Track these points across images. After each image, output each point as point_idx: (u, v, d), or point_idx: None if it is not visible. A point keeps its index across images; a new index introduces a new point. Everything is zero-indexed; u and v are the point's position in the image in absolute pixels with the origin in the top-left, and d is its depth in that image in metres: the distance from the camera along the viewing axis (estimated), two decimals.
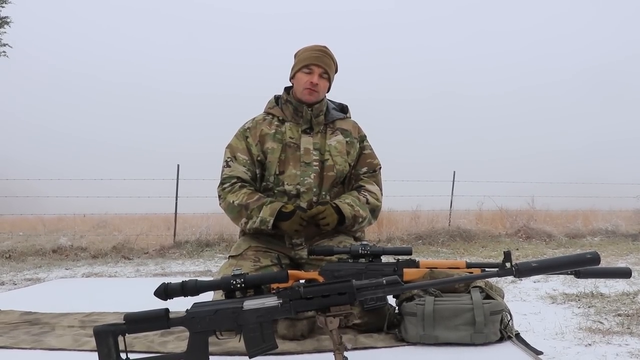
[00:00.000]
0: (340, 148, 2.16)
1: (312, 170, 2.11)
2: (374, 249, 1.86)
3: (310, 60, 2.11)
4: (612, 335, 2.44)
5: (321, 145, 2.15)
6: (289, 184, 2.09)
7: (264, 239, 2.12)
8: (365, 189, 2.16)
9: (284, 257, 2.08)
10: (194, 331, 1.39)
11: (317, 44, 2.17)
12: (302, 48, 2.19)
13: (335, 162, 2.13)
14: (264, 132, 2.15)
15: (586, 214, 9.12)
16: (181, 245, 7.16)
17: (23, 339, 1.85)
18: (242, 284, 1.43)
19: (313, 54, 2.13)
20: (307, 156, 2.12)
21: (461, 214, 8.63)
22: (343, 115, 2.26)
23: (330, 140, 2.16)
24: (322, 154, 2.14)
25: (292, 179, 2.10)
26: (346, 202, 2.06)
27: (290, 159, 2.11)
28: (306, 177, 2.10)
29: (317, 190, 2.11)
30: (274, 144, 2.12)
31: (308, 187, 2.09)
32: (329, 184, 2.13)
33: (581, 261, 1.26)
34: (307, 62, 2.11)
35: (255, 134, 2.16)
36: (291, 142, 2.13)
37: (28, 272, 5.40)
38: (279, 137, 2.14)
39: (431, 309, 1.66)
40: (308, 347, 1.68)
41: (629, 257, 5.73)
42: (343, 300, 1.36)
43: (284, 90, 2.24)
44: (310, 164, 2.11)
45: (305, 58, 2.12)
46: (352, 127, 2.24)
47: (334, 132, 2.19)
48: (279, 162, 2.10)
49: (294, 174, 2.10)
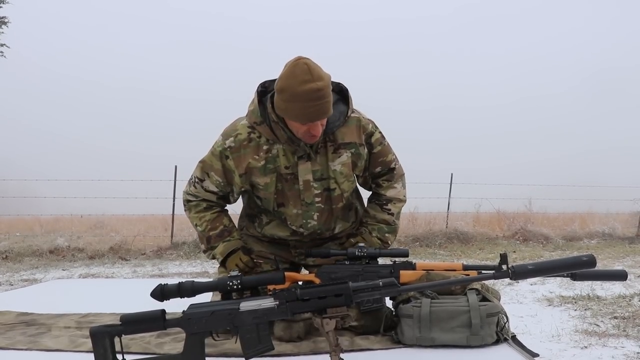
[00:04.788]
0: (346, 172, 1.90)
1: (314, 209, 1.92)
2: (371, 251, 1.86)
3: (307, 118, 1.69)
4: (608, 337, 2.45)
5: (323, 171, 1.88)
6: (292, 224, 1.96)
7: (268, 245, 2.08)
8: (386, 198, 2.04)
9: (286, 263, 2.06)
10: (190, 332, 1.39)
11: (307, 83, 1.63)
12: (289, 89, 1.65)
13: (343, 190, 1.93)
14: (251, 165, 1.84)
15: (583, 217, 9.13)
16: (178, 246, 7.14)
17: (19, 340, 1.85)
18: (239, 285, 1.44)
19: (308, 108, 1.66)
20: (307, 193, 1.88)
21: (458, 216, 8.63)
22: (343, 116, 1.88)
23: (334, 165, 1.88)
24: (324, 179, 1.89)
25: (293, 220, 1.95)
26: (373, 236, 2.02)
27: (288, 195, 1.89)
28: (309, 220, 1.94)
29: (322, 228, 1.99)
30: (266, 179, 1.86)
31: (311, 230, 1.98)
32: (338, 212, 2.00)
33: (577, 264, 1.27)
34: (304, 121, 1.71)
35: (240, 161, 1.84)
36: (287, 172, 1.86)
37: (25, 272, 5.38)
38: (270, 168, 1.85)
39: (427, 311, 1.67)
40: (304, 349, 1.68)
41: (625, 259, 5.74)
42: (339, 302, 1.37)
43: (270, 104, 1.81)
44: (312, 203, 1.90)
45: (299, 115, 1.69)
46: (356, 131, 1.90)
47: (336, 151, 1.88)
48: (275, 195, 1.90)
49: (295, 213, 1.92)
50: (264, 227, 2.03)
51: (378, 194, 2.06)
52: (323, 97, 1.66)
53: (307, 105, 1.65)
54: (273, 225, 2.01)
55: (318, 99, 1.65)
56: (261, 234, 2.05)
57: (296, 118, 1.70)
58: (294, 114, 1.69)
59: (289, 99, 1.67)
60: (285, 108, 1.70)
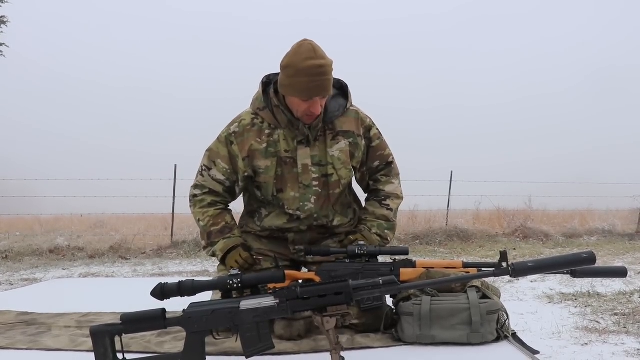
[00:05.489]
0: (344, 159, 1.95)
1: (311, 193, 1.95)
2: (371, 249, 1.86)
3: (310, 93, 1.78)
4: (608, 334, 2.45)
5: (321, 157, 1.94)
6: (289, 208, 1.97)
7: (267, 242, 2.08)
8: (385, 193, 2.06)
9: (286, 260, 2.06)
10: (190, 331, 1.40)
11: (312, 59, 1.75)
12: (294, 66, 1.77)
13: (340, 177, 1.96)
14: (253, 147, 1.92)
15: (583, 214, 9.14)
16: (178, 245, 7.15)
17: (19, 340, 1.85)
18: (239, 284, 1.44)
19: (312, 83, 1.76)
20: (305, 176, 1.93)
21: (458, 213, 8.63)
22: (342, 106, 1.97)
23: (332, 151, 1.94)
24: (323, 166, 1.94)
25: (291, 203, 1.96)
26: (373, 233, 2.02)
27: (287, 178, 1.94)
28: (306, 202, 1.95)
29: (319, 214, 1.99)
30: (267, 162, 1.92)
31: (308, 213, 1.97)
32: (335, 199, 2.01)
33: (577, 261, 1.27)
34: (306, 96, 1.79)
35: (243, 145, 1.92)
36: (286, 156, 1.93)
37: (25, 272, 5.38)
38: (271, 151, 1.92)
39: (428, 309, 1.67)
40: (305, 347, 1.68)
41: (625, 256, 5.75)
42: (340, 300, 1.36)
43: (272, 89, 1.93)
44: (309, 185, 1.94)
45: (302, 90, 1.78)
46: (354, 122, 1.98)
47: (334, 138, 1.95)
48: (275, 180, 1.93)
49: (292, 197, 1.95)
50: (263, 220, 2.04)
51: (376, 189, 2.09)
52: (325, 73, 1.77)
53: (310, 80, 1.75)
54: (272, 217, 2.02)
55: (320, 74, 1.76)
56: (260, 227, 2.05)
57: (299, 93, 1.79)
58: (297, 89, 1.78)
59: (292, 74, 1.77)
60: (289, 84, 1.80)
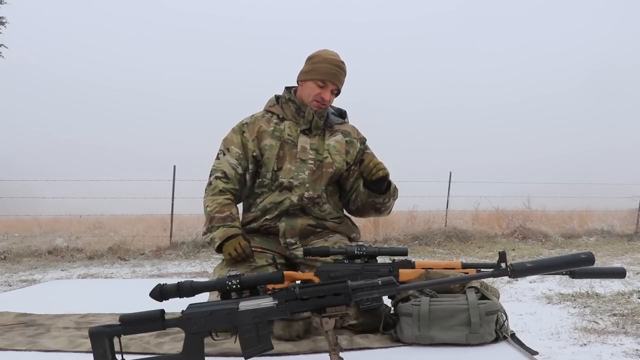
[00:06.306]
0: (339, 147, 2.18)
1: (306, 167, 2.13)
2: (370, 250, 1.86)
3: (328, 76, 2.10)
4: (607, 335, 2.45)
5: (318, 146, 2.17)
6: (283, 177, 2.12)
7: (259, 238, 2.13)
8: None
9: (279, 257, 2.08)
10: (189, 332, 1.39)
11: (335, 56, 2.14)
12: (320, 55, 2.15)
13: (334, 160, 2.15)
14: (262, 129, 2.16)
15: (582, 215, 9.15)
16: (177, 246, 7.14)
17: (18, 341, 1.84)
18: (238, 284, 1.43)
19: (332, 69, 2.11)
20: (303, 154, 2.14)
21: (457, 214, 8.64)
22: (342, 120, 2.29)
23: (329, 140, 2.18)
24: (319, 153, 2.16)
25: (286, 174, 2.12)
26: None
27: (287, 156, 2.14)
28: (300, 173, 2.12)
29: (310, 185, 2.13)
30: (272, 141, 2.14)
31: (301, 181, 2.11)
32: (327, 179, 2.15)
33: (576, 261, 1.27)
34: (324, 78, 2.10)
35: (253, 129, 2.17)
36: (289, 139, 2.15)
37: (23, 273, 5.38)
38: (277, 135, 2.15)
39: (427, 310, 1.67)
40: (304, 348, 1.68)
41: (624, 257, 5.76)
42: (339, 301, 1.36)
43: (285, 89, 2.24)
44: (305, 161, 2.14)
45: (323, 72, 2.11)
46: (352, 130, 2.26)
47: (333, 134, 2.21)
48: (276, 159, 2.13)
49: (288, 168, 2.12)
50: (258, 205, 2.15)
51: None
52: (342, 69, 2.14)
53: (331, 67, 2.10)
54: (266, 198, 2.13)
55: (339, 67, 2.13)
56: (255, 212, 2.14)
57: (319, 75, 2.10)
58: (318, 72, 2.10)
59: (317, 61, 2.12)
60: (312, 69, 2.12)
